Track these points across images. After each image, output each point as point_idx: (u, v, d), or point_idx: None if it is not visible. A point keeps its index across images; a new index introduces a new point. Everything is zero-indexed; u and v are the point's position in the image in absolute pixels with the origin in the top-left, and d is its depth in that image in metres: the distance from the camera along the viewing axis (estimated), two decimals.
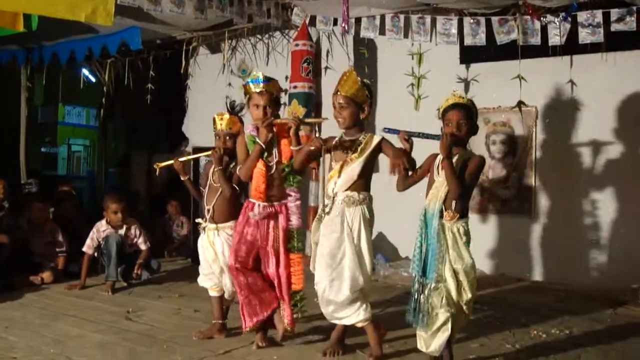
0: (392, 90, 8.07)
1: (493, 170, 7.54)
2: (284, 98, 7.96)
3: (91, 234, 6.71)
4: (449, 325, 3.77)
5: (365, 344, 4.37)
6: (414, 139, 4.09)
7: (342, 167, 4.20)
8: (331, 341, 4.35)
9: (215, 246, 4.80)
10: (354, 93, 4.20)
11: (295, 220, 4.45)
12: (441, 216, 3.84)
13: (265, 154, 4.44)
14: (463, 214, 3.86)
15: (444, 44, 7.10)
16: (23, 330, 4.96)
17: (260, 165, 4.42)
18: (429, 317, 3.80)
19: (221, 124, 4.81)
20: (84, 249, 6.69)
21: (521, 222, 7.34)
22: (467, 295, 3.81)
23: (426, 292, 3.81)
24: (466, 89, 7.66)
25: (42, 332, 4.89)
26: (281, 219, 4.45)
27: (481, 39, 6.89)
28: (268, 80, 4.44)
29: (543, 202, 7.24)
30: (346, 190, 4.18)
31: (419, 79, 7.73)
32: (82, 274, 6.63)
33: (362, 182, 4.20)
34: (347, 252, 4.14)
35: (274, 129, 4.42)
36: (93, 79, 10.99)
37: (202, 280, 4.96)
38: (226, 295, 4.89)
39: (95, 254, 6.75)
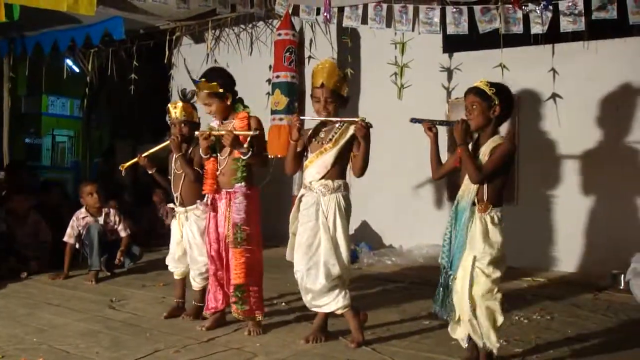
0: (376, 79, 8.11)
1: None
2: (267, 87, 8.05)
3: (71, 222, 6.70)
4: (467, 317, 3.73)
5: (348, 330, 4.39)
6: (438, 127, 4.05)
7: (317, 156, 4.21)
8: (313, 328, 4.36)
9: (183, 228, 4.97)
10: (339, 86, 4.24)
11: (237, 215, 4.44)
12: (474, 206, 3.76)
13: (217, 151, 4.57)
14: (497, 203, 3.80)
15: (426, 33, 7.10)
16: (6, 320, 4.93)
17: (208, 162, 4.59)
18: (451, 308, 3.80)
19: (175, 112, 4.95)
20: (65, 238, 6.67)
21: (504, 209, 7.34)
22: (485, 285, 3.71)
23: (450, 283, 3.80)
24: (449, 78, 7.72)
25: (25, 322, 4.86)
26: (233, 207, 4.48)
27: (464, 28, 6.91)
28: (200, 79, 4.46)
29: (525, 189, 7.27)
30: (320, 179, 4.19)
31: (402, 67, 7.74)
32: (65, 264, 6.61)
33: (337, 170, 4.19)
34: (322, 241, 4.16)
35: (211, 138, 4.48)
36: (77, 70, 10.91)
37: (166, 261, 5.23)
38: (193, 284, 5.00)
39: (77, 244, 6.71)
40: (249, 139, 4.34)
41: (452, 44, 7.53)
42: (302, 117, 4.25)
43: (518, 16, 6.62)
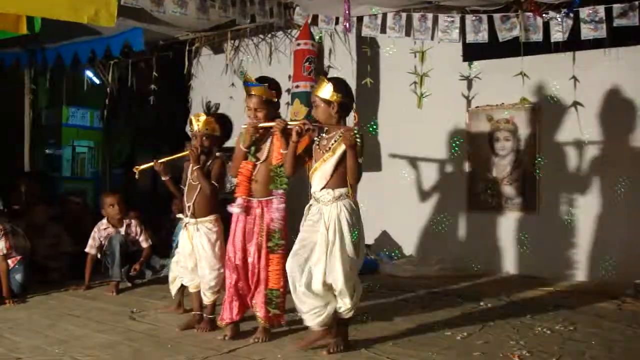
0: (395, 88, 8.10)
1: (497, 167, 7.54)
2: (286, 97, 8.05)
3: (92, 233, 6.73)
4: None
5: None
6: None
7: (319, 165, 4.24)
8: (333, 337, 4.34)
9: (193, 240, 4.96)
10: (323, 92, 4.24)
11: (277, 222, 4.49)
12: None
13: (252, 153, 4.60)
14: None
15: (446, 41, 7.09)
16: (28, 331, 4.96)
17: (244, 164, 4.60)
18: None
19: (198, 125, 4.94)
20: (86, 249, 6.70)
21: (525, 218, 7.34)
22: None
23: None
24: (469, 87, 7.68)
25: (47, 333, 4.89)
26: (267, 215, 4.54)
27: (483, 37, 6.89)
28: (258, 83, 4.53)
29: (547, 198, 7.24)
30: (322, 188, 4.20)
31: (421, 76, 7.71)
32: (86, 275, 6.65)
33: (338, 179, 4.18)
34: (316, 251, 4.17)
35: (258, 132, 4.53)
36: (97, 81, 10.97)
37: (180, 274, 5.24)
38: (204, 299, 5.00)
39: (99, 255, 6.75)
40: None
41: (471, 53, 7.50)
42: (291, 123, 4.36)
43: (538, 24, 6.60)
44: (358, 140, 4.09)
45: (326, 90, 4.23)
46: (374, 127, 8.10)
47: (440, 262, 7.58)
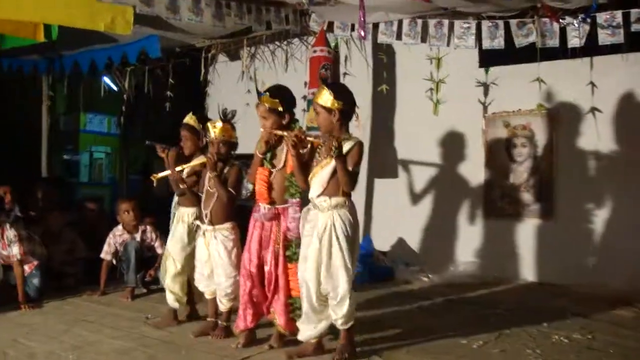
0: (411, 95, 8.08)
1: (514, 173, 7.49)
2: (303, 104, 8.06)
3: (108, 239, 6.76)
4: None
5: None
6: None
7: (317, 172, 4.24)
8: (337, 346, 4.31)
9: (210, 247, 4.96)
10: (324, 99, 4.22)
11: (294, 231, 4.49)
12: None
13: (268, 159, 4.59)
14: None
15: (462, 48, 7.06)
16: (43, 336, 5.00)
17: (261, 170, 4.58)
18: None
19: (215, 132, 4.92)
20: (102, 255, 6.73)
21: (542, 225, 7.28)
22: None
23: None
24: (485, 93, 7.64)
25: (62, 338, 4.92)
26: (282, 223, 4.54)
27: (499, 43, 6.84)
28: (264, 93, 4.53)
29: (564, 205, 7.17)
30: (319, 195, 4.20)
31: (437, 83, 7.69)
32: (101, 281, 6.68)
33: (335, 187, 4.17)
34: (309, 262, 4.19)
35: (273, 139, 4.51)
36: (115, 87, 11.04)
37: (197, 281, 5.20)
38: (220, 306, 5.00)
39: (114, 261, 6.77)
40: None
41: (488, 59, 7.46)
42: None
43: (555, 29, 6.54)
44: (335, 151, 3.99)
45: (326, 98, 4.21)
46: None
47: (456, 269, 7.55)
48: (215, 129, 4.93)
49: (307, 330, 4.28)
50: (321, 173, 4.19)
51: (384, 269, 7.46)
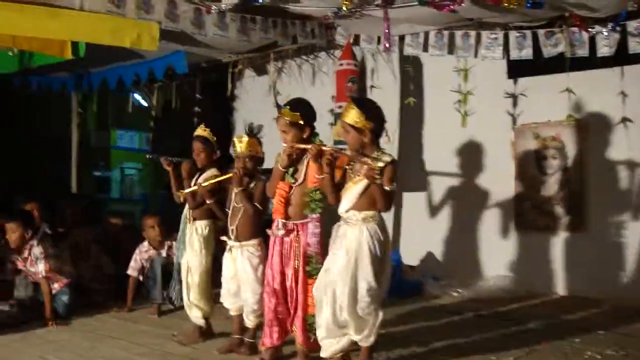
0: (439, 107, 8.02)
1: (544, 186, 7.37)
2: (330, 118, 8.03)
3: (134, 255, 6.76)
4: None
5: None
6: None
7: (349, 188, 4.19)
8: None
9: (236, 262, 4.93)
10: (354, 119, 4.14)
11: (314, 246, 4.44)
12: None
13: (290, 174, 4.55)
14: None
15: (489, 59, 6.99)
16: (70, 353, 5.03)
17: (281, 184, 4.54)
18: None
19: (240, 147, 4.90)
20: (129, 271, 6.74)
21: (573, 238, 7.14)
22: None
23: None
24: (514, 104, 7.54)
25: (88, 355, 4.95)
26: (302, 238, 4.49)
27: (528, 53, 6.76)
28: (283, 106, 4.53)
29: (595, 217, 7.02)
30: (349, 210, 4.15)
31: (465, 95, 7.63)
32: (128, 297, 6.69)
33: (365, 201, 4.12)
34: (335, 274, 4.12)
35: (295, 153, 4.48)
36: (145, 104, 11.13)
37: (222, 297, 5.15)
38: (247, 322, 4.96)
39: (141, 277, 6.77)
40: None
41: (516, 69, 7.37)
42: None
43: (584, 39, 6.44)
44: (377, 178, 3.99)
45: (357, 118, 4.13)
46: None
47: (486, 284, 7.42)
48: (241, 144, 4.91)
49: (331, 345, 4.19)
50: (353, 189, 4.14)
51: (412, 284, 7.37)
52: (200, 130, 5.49)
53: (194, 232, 5.42)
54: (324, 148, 4.26)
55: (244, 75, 9.69)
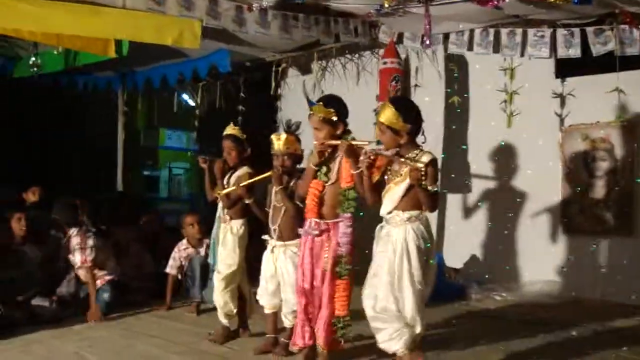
0: (484, 107, 7.90)
1: (593, 188, 7.18)
2: (373, 118, 7.93)
3: (173, 254, 6.78)
4: None
5: None
6: None
7: (389, 189, 4.09)
8: None
9: (277, 262, 4.86)
10: (391, 120, 4.03)
11: (344, 246, 4.34)
12: None
13: (323, 172, 4.45)
14: None
15: (536, 57, 6.83)
16: (105, 350, 5.04)
17: (314, 183, 4.45)
18: None
19: (279, 144, 4.84)
20: (167, 269, 6.77)
21: (623, 242, 6.94)
22: None
23: None
24: (562, 104, 7.36)
25: (123, 353, 4.96)
26: (332, 238, 4.40)
27: (576, 51, 6.61)
28: (317, 102, 4.41)
29: None
30: (392, 210, 4.05)
31: (511, 94, 7.51)
32: (167, 295, 6.69)
33: (408, 201, 4.02)
34: (383, 273, 4.00)
35: (326, 152, 4.41)
36: (193, 103, 11.18)
37: (259, 295, 5.10)
38: (285, 322, 4.89)
39: (179, 275, 6.79)
40: None
41: (564, 68, 7.21)
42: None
43: (634, 37, 6.27)
44: (424, 180, 3.88)
45: (393, 119, 4.02)
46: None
47: (532, 288, 7.29)
48: (279, 141, 4.85)
49: (397, 340, 3.97)
50: (395, 190, 4.06)
51: (455, 287, 7.24)
52: (230, 129, 5.45)
53: (229, 232, 5.38)
54: (354, 143, 4.19)
55: (287, 74, 9.67)
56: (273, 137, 4.94)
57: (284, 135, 4.86)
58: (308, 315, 4.53)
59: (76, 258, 6.18)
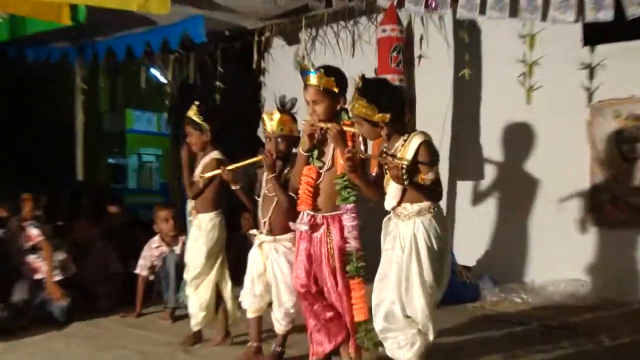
0: (499, 80, 7.90)
1: (626, 175, 7.17)
2: None
3: (143, 252, 6.75)
4: None
5: None
6: None
7: (389, 180, 3.98)
8: None
9: (268, 260, 4.81)
10: (365, 114, 3.90)
11: (352, 241, 4.27)
12: None
13: (316, 157, 4.39)
14: None
15: (560, 22, 6.78)
16: None
17: (307, 170, 4.39)
18: None
19: (272, 125, 4.76)
20: (137, 270, 6.72)
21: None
22: None
23: None
24: (590, 76, 7.36)
25: None
26: (335, 234, 4.32)
27: (607, 15, 6.51)
28: (317, 70, 4.27)
29: None
30: (398, 202, 3.96)
31: (531, 66, 7.50)
32: (137, 300, 6.65)
33: (415, 193, 3.91)
34: (391, 275, 3.93)
35: (318, 132, 4.33)
36: (163, 79, 11.10)
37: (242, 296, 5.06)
38: (277, 327, 4.86)
39: (151, 277, 6.76)
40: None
41: (593, 35, 7.20)
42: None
43: None
44: (405, 179, 3.70)
45: (368, 112, 3.89)
46: None
47: (556, 289, 7.30)
48: (272, 122, 4.77)
49: (409, 347, 3.94)
50: (394, 184, 3.96)
51: (467, 287, 7.25)
52: (190, 111, 5.40)
53: (195, 228, 5.39)
54: (346, 129, 4.13)
55: (272, 44, 9.60)
56: (265, 116, 4.87)
57: (277, 115, 4.77)
58: (318, 316, 4.46)
59: (33, 232, 6.25)
